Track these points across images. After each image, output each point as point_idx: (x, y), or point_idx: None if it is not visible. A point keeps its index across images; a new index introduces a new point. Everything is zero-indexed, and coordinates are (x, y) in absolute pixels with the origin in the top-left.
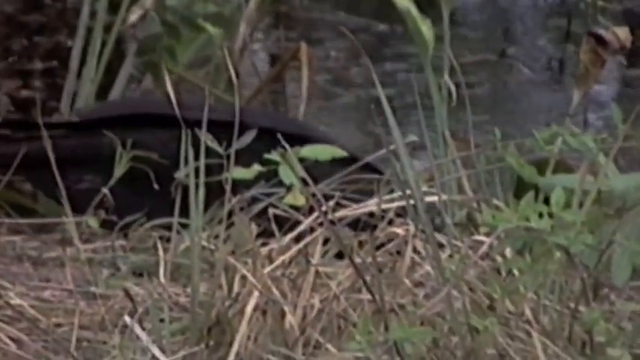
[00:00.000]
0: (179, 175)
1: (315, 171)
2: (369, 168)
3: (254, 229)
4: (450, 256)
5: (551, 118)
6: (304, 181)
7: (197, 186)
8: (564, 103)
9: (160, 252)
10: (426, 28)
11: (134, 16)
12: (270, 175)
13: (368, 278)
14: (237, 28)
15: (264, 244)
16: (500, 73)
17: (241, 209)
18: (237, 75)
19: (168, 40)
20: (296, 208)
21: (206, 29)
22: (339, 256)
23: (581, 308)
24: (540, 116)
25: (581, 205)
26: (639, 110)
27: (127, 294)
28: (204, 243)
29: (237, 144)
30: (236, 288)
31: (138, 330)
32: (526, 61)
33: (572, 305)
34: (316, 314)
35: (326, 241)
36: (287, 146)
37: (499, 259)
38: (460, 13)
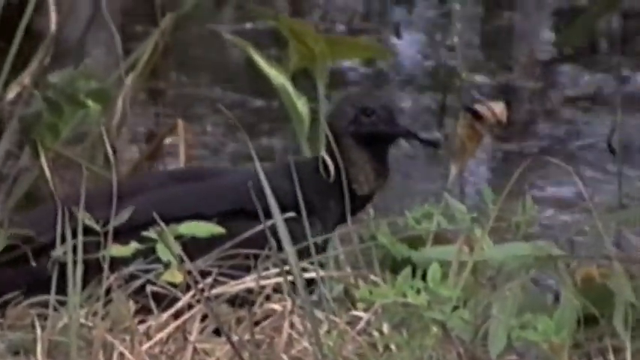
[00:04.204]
0: (56, 252)
1: (193, 247)
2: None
3: (132, 306)
4: (328, 331)
5: (430, 193)
6: (182, 258)
7: (75, 263)
8: (442, 177)
9: (38, 330)
10: (301, 103)
11: (12, 93)
12: (149, 252)
13: (246, 355)
14: (115, 104)
15: (142, 321)
16: None
17: (119, 286)
18: (115, 151)
19: (50, 117)
20: (174, 285)
21: (87, 105)
22: (218, 332)
23: None
24: (419, 191)
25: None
26: (511, 187)
27: None
28: (82, 320)
29: (115, 221)
30: None
31: None
32: None
33: None
34: None
35: (204, 318)
36: (163, 225)
37: (376, 334)
38: (337, 88)
